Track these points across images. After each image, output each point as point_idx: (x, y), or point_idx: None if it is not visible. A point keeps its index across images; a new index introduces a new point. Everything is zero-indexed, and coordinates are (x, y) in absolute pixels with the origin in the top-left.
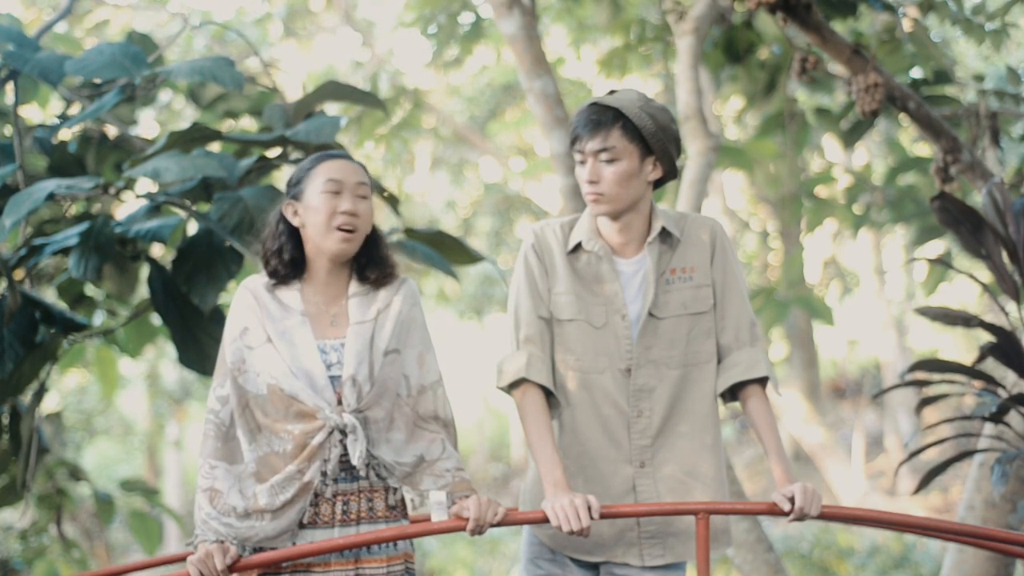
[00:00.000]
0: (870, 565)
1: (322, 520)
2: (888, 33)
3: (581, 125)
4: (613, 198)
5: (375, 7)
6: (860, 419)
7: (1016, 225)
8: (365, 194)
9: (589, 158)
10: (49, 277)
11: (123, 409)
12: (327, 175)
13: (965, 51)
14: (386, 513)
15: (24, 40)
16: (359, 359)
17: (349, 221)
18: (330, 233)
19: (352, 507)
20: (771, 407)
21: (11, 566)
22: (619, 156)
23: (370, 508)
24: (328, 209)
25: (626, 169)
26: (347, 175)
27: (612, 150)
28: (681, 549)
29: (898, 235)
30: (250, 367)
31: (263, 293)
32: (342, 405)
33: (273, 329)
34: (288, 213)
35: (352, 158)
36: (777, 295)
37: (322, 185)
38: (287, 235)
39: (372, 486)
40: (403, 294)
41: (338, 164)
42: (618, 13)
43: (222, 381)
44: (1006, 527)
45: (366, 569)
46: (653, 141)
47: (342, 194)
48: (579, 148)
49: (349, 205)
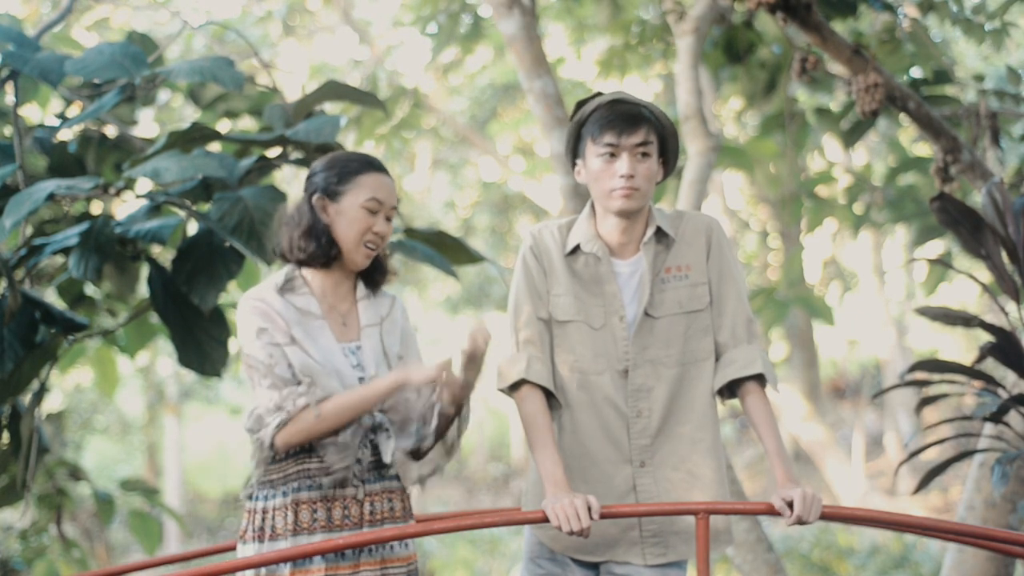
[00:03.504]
0: (870, 565)
1: (351, 521)
2: (888, 33)
3: (617, 119)
4: (644, 195)
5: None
6: (860, 419)
7: (1016, 225)
8: (393, 215)
9: (624, 152)
10: (49, 277)
11: (121, 407)
12: (372, 192)
13: (965, 51)
14: (403, 514)
15: (24, 40)
16: (377, 360)
17: (378, 242)
18: (359, 248)
19: (377, 507)
20: (770, 405)
21: (11, 566)
22: (651, 153)
23: (391, 508)
24: (364, 226)
25: (654, 166)
26: (388, 196)
27: (649, 146)
28: (682, 548)
29: (898, 235)
30: (279, 360)
31: (274, 299)
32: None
33: (296, 332)
34: (319, 207)
35: (389, 174)
36: (777, 295)
37: (365, 201)
38: (321, 224)
39: (392, 487)
40: (400, 306)
41: (383, 181)
42: (618, 13)
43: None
44: (1006, 527)
45: (390, 569)
46: (671, 142)
47: (379, 214)
48: (610, 141)
49: (383, 228)
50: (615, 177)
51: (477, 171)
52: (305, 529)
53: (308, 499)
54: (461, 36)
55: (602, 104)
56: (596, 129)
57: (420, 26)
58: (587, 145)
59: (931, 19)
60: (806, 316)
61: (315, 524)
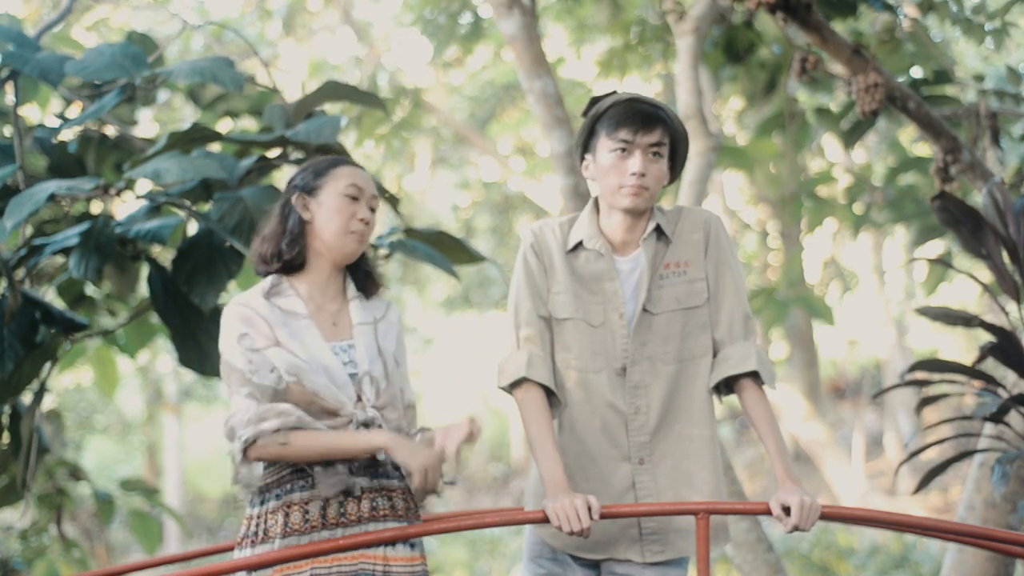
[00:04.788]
0: (870, 565)
1: (350, 519)
2: (888, 33)
3: (635, 117)
4: (652, 194)
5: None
6: (860, 419)
7: (1016, 225)
8: (376, 206)
9: (638, 151)
10: (49, 277)
11: (121, 407)
12: (351, 180)
13: (965, 51)
14: (406, 512)
15: (24, 40)
16: (371, 357)
17: (364, 229)
18: (346, 236)
19: (378, 504)
20: (767, 401)
21: (11, 566)
22: (663, 154)
23: (391, 506)
24: (348, 213)
25: (664, 168)
26: (367, 184)
27: (663, 147)
28: (682, 545)
29: (898, 235)
30: (260, 366)
31: (259, 303)
32: (362, 402)
33: (280, 333)
34: (299, 205)
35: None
36: (777, 295)
37: (344, 188)
38: (299, 226)
39: (392, 485)
40: (395, 312)
41: (356, 172)
42: (618, 13)
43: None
44: (1006, 527)
45: (393, 566)
46: (682, 146)
47: (360, 201)
48: (625, 138)
49: (366, 213)
50: (626, 174)
51: (477, 171)
52: (296, 531)
53: (300, 500)
54: (461, 36)
55: (620, 101)
56: (612, 125)
57: (421, 26)
58: (600, 140)
59: (931, 19)
60: (806, 316)
61: (307, 525)
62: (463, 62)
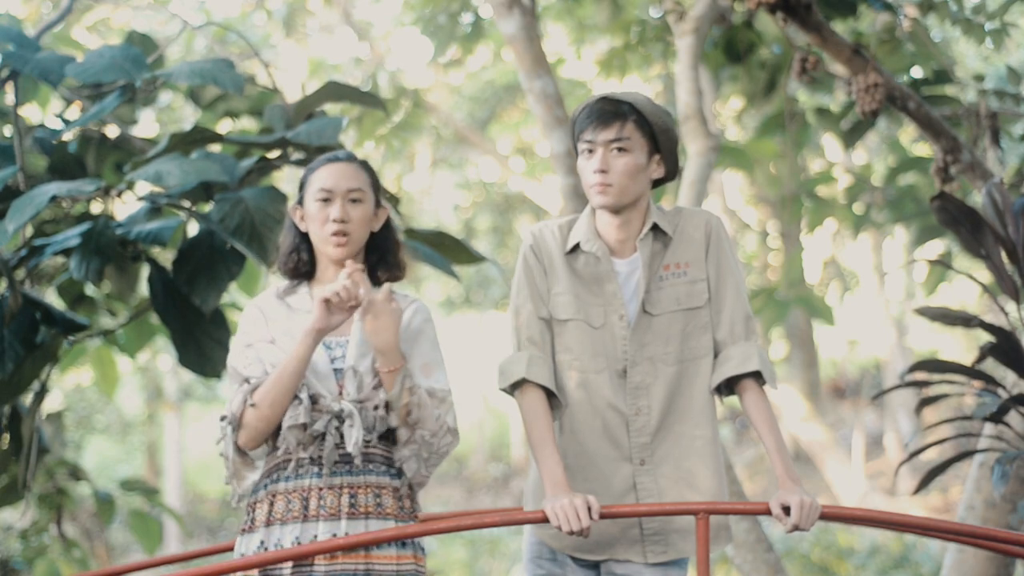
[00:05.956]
0: (870, 565)
1: (328, 512)
2: (888, 33)
3: (594, 115)
4: (620, 190)
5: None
6: (860, 419)
7: (1016, 225)
8: (358, 198)
9: (600, 148)
10: (49, 277)
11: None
12: (318, 184)
13: (965, 51)
14: (396, 511)
15: (24, 40)
16: (361, 352)
17: (340, 228)
18: (326, 239)
19: (360, 500)
20: (768, 402)
21: (11, 566)
22: (631, 148)
23: (378, 504)
24: (321, 217)
25: (636, 162)
26: (337, 182)
27: (625, 141)
28: (683, 545)
29: (898, 235)
30: (252, 362)
31: (271, 303)
32: (343, 395)
33: (277, 329)
34: (296, 218)
35: (352, 159)
36: (777, 295)
37: (315, 194)
38: (300, 237)
39: (382, 483)
40: (415, 307)
41: (329, 171)
42: (618, 13)
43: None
44: (1006, 527)
45: (376, 565)
46: (662, 139)
47: (332, 201)
48: (588, 138)
49: (338, 213)
50: (591, 172)
51: (477, 171)
52: (278, 520)
53: (284, 490)
54: (461, 36)
55: (588, 103)
56: (580, 127)
57: (421, 26)
58: (577, 144)
59: (931, 19)
60: (806, 316)
61: (288, 515)
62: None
